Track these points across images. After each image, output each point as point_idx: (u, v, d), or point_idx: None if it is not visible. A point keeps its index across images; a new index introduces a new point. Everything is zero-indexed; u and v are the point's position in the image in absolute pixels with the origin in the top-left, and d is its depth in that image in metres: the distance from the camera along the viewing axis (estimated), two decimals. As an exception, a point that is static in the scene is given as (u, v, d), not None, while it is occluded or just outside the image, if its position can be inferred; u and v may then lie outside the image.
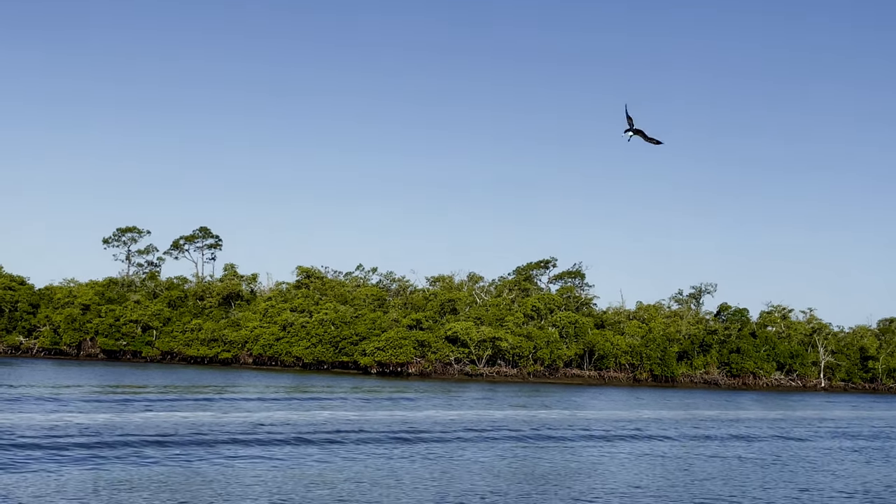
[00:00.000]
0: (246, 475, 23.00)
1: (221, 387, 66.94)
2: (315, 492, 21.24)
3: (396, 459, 27.47)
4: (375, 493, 21.01)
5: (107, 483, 21.65)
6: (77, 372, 79.80)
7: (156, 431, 33.14)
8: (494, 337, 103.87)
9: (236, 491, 20.08)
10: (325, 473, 24.71)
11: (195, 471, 24.00)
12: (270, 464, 26.13)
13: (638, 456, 32.48)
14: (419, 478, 24.10)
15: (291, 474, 24.22)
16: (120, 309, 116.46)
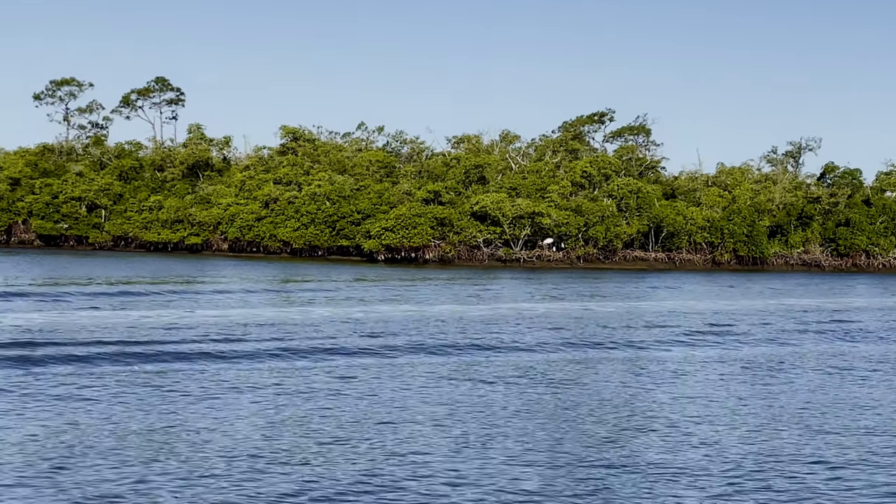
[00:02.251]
0: (223, 403, 22.68)
1: (187, 279, 67.00)
2: (315, 425, 20.89)
3: (404, 377, 27.08)
4: (382, 433, 20.58)
5: (37, 415, 21.47)
6: (5, 262, 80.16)
7: (103, 337, 32.94)
8: (534, 212, 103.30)
9: (207, 433, 19.68)
10: (320, 398, 24.40)
11: (151, 398, 23.81)
12: (251, 380, 25.93)
13: (718, 363, 31.97)
14: (441, 403, 23.68)
15: (279, 400, 23.93)
16: (58, 184, 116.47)
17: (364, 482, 16.02)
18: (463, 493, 15.57)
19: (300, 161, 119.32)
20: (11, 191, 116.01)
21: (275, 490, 15.46)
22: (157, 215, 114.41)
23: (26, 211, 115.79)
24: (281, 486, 15.67)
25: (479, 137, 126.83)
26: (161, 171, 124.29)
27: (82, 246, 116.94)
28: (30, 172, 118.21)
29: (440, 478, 16.40)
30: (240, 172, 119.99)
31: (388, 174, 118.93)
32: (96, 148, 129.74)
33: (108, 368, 26.57)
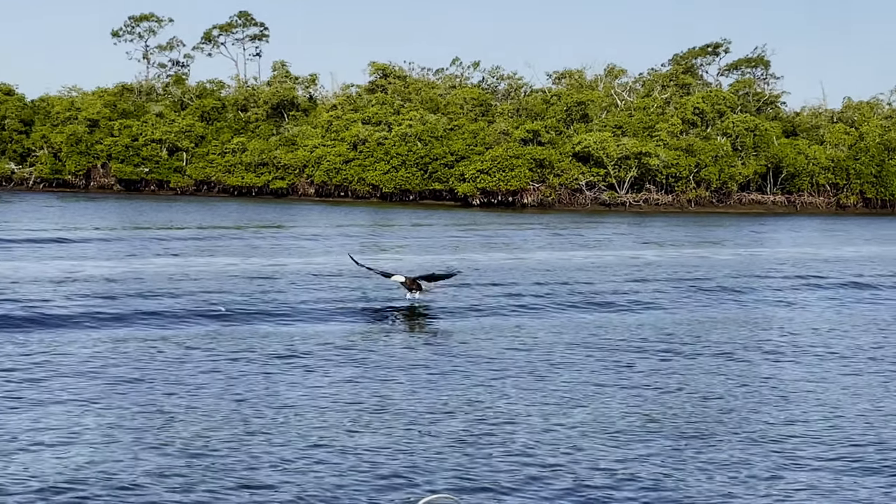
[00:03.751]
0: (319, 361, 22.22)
1: (273, 225, 67.28)
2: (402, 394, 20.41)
3: (503, 333, 26.48)
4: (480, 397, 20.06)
5: (118, 375, 21.37)
6: (84, 208, 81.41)
7: (185, 288, 32.97)
8: (641, 152, 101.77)
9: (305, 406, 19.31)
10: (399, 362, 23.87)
11: (239, 357, 23.60)
12: (333, 338, 25.56)
13: (847, 316, 30.86)
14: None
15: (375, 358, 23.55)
16: (138, 125, 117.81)
17: (508, 454, 15.52)
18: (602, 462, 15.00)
19: (390, 99, 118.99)
20: (90, 133, 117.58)
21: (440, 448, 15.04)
22: (240, 158, 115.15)
23: (105, 154, 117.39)
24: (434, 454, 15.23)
25: (581, 72, 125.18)
26: (244, 112, 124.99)
27: (163, 191, 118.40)
28: (108, 114, 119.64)
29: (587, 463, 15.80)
30: (326, 112, 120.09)
31: (484, 113, 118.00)
32: (177, 87, 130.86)
33: (191, 323, 26.47)
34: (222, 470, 13.99)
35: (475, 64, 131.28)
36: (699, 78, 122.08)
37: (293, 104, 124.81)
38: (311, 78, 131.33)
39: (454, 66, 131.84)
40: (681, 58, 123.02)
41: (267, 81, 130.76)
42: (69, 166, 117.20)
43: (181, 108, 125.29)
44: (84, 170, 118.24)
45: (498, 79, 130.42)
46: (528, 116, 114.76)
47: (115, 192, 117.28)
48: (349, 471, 14.11)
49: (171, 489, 13.21)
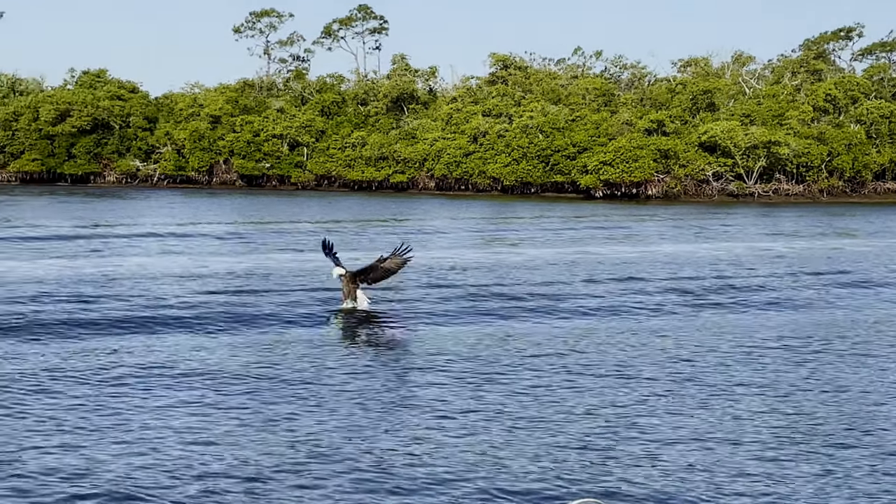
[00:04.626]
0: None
1: (393, 219, 67.38)
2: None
3: (635, 332, 25.71)
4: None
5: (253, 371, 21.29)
6: (206, 203, 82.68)
7: (307, 284, 32.99)
8: (770, 141, 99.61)
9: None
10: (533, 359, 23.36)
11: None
12: (456, 331, 25.14)
13: None
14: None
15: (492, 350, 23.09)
16: (259, 121, 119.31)
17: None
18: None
19: (511, 91, 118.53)
20: (212, 129, 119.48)
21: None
22: (360, 152, 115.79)
23: (227, 150, 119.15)
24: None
25: (707, 60, 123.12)
26: (364, 106, 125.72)
27: (284, 186, 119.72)
28: (230, 109, 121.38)
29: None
30: (446, 105, 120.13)
31: (607, 103, 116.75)
32: (297, 82, 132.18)
33: (315, 320, 26.33)
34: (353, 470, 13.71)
35: (597, 53, 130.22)
36: (831, 63, 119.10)
37: (413, 97, 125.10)
38: (431, 70, 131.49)
39: (576, 55, 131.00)
40: (812, 43, 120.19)
41: (387, 75, 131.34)
42: (192, 162, 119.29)
43: (301, 102, 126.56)
44: (207, 166, 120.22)
45: (621, 68, 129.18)
46: (653, 106, 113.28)
47: (237, 187, 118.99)
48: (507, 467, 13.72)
49: (300, 487, 12.98)
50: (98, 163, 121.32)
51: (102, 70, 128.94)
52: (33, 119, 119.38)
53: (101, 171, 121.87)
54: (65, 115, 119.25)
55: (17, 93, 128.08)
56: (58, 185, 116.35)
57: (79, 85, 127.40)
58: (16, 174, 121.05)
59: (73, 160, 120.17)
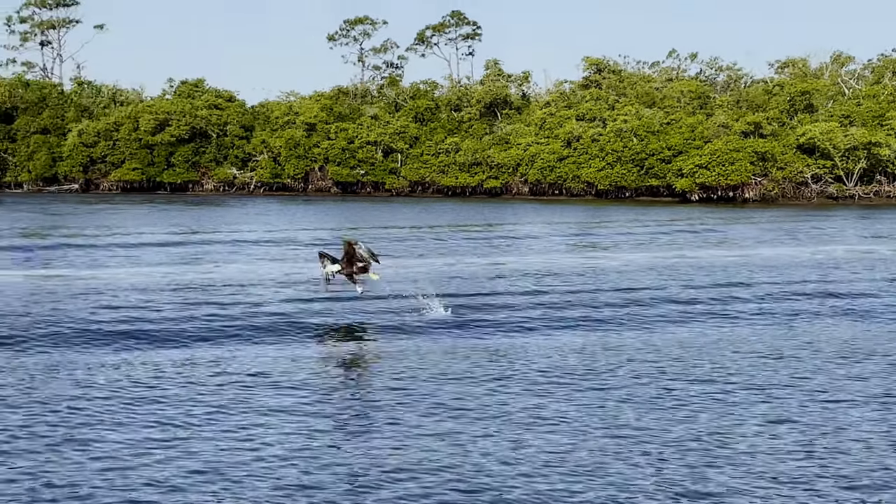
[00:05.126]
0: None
1: (488, 224, 67.35)
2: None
3: (736, 341, 25.25)
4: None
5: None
6: (302, 210, 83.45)
7: (402, 287, 33.08)
8: (870, 142, 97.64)
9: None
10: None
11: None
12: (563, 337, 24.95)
13: None
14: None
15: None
16: (353, 128, 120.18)
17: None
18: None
19: (604, 95, 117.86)
20: (307, 136, 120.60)
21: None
22: (454, 158, 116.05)
23: (322, 157, 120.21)
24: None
25: (805, 60, 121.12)
26: (457, 111, 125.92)
27: (378, 192, 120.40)
28: (325, 117, 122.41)
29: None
30: (540, 109, 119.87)
31: (702, 105, 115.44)
32: (391, 89, 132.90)
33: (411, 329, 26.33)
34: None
35: (692, 56, 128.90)
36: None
37: (506, 102, 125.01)
38: (524, 75, 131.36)
39: (671, 58, 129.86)
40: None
41: (480, 80, 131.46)
42: (288, 170, 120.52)
43: (395, 109, 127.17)
44: (302, 173, 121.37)
45: (716, 70, 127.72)
46: (749, 108, 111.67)
47: (332, 194, 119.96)
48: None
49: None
50: (196, 171, 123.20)
51: (200, 80, 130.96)
52: (133, 129, 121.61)
53: (199, 179, 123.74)
54: (164, 125, 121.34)
55: (118, 103, 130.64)
56: (157, 194, 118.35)
57: (177, 95, 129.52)
58: (117, 183, 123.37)
59: (171, 169, 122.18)
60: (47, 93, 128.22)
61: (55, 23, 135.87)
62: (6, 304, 27.86)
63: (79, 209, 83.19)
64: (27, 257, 42.05)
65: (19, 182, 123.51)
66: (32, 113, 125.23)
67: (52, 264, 39.27)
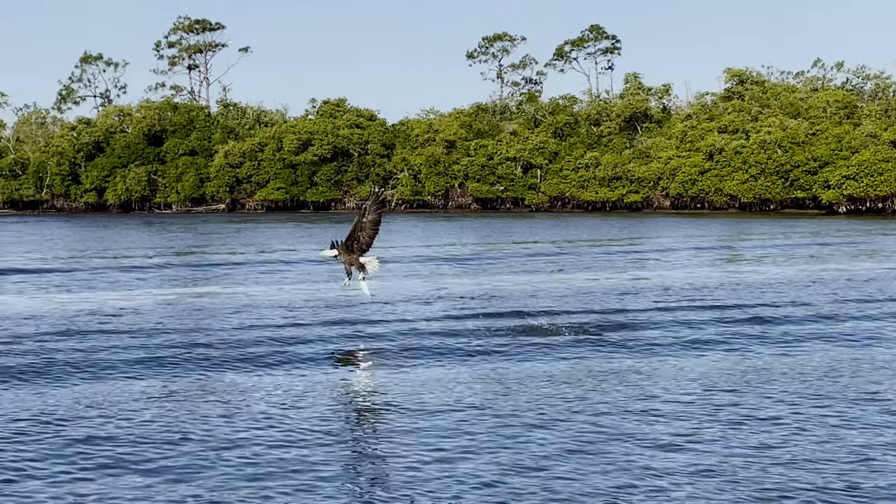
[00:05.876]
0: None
1: (629, 239, 66.82)
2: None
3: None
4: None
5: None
6: (445, 227, 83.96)
7: (543, 305, 33.07)
8: None
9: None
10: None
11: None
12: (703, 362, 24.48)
13: None
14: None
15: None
16: (493, 144, 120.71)
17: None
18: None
19: (747, 106, 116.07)
20: (447, 154, 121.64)
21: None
22: (593, 173, 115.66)
23: (462, 174, 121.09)
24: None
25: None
26: (597, 126, 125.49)
27: (518, 208, 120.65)
28: (464, 134, 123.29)
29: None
30: (680, 122, 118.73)
31: (849, 115, 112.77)
32: (530, 105, 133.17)
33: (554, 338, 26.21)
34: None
35: (838, 65, 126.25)
36: None
37: (646, 116, 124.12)
38: (664, 88, 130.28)
39: (816, 67, 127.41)
40: None
41: (619, 94, 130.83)
42: (428, 187, 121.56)
43: (534, 125, 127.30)
44: (442, 190, 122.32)
45: (864, 79, 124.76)
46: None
47: (472, 210, 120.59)
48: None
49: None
50: (338, 190, 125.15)
51: (342, 99, 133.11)
52: (277, 149, 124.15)
53: (341, 197, 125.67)
54: (307, 145, 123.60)
55: (262, 124, 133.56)
56: (300, 213, 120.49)
57: (320, 115, 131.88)
58: (262, 202, 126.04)
59: (314, 188, 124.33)
60: (195, 115, 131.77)
61: (202, 47, 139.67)
62: (159, 322, 28.69)
63: (226, 228, 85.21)
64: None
65: (168, 203, 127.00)
66: (181, 135, 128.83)
67: (201, 282, 40.31)
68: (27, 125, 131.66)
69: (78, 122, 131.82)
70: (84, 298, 33.96)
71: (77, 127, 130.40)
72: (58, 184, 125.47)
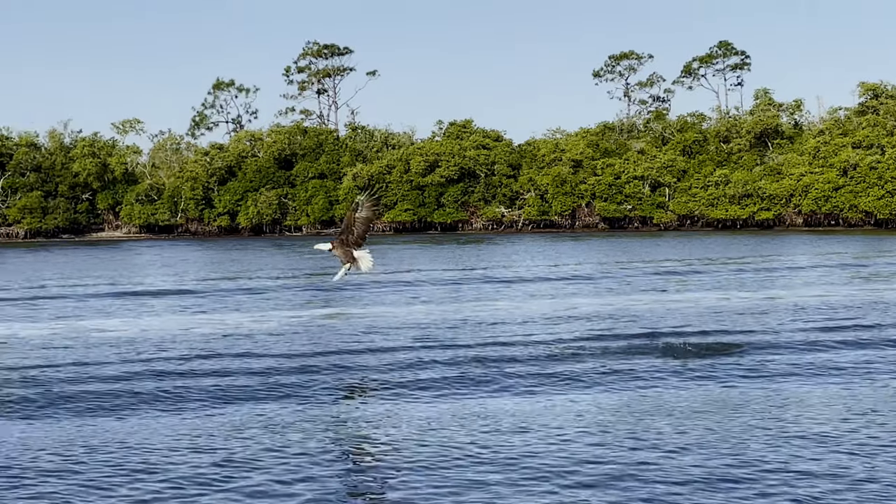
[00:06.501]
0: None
1: (758, 257, 65.85)
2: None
3: None
4: None
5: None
6: (573, 247, 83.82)
7: (667, 322, 32.87)
8: None
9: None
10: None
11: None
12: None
13: None
14: None
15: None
16: (620, 163, 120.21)
17: None
18: None
19: (882, 121, 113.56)
20: (574, 173, 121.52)
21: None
22: (723, 190, 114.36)
23: (589, 193, 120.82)
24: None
25: None
26: (726, 143, 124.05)
27: (646, 227, 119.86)
28: (591, 153, 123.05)
29: None
30: (813, 138, 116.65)
31: None
32: (657, 123, 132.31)
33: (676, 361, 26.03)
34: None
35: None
36: None
37: (777, 132, 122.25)
38: (796, 104, 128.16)
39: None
40: None
41: (749, 110, 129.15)
42: (555, 207, 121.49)
43: (662, 143, 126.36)
44: (569, 210, 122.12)
45: None
46: None
47: (600, 230, 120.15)
48: None
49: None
50: (465, 210, 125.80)
51: (468, 120, 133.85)
52: (405, 171, 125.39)
53: (468, 218, 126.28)
54: (434, 166, 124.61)
55: (390, 147, 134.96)
56: (428, 234, 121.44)
57: (446, 136, 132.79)
58: (390, 224, 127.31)
59: (441, 209, 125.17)
60: (324, 139, 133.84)
61: (330, 71, 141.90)
62: (293, 342, 29.32)
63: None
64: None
65: (298, 225, 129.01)
66: (310, 159, 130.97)
67: (332, 303, 41.02)
68: (162, 151, 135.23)
69: (211, 148, 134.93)
70: (218, 320, 34.89)
71: (210, 152, 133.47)
72: (192, 208, 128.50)
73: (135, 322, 34.77)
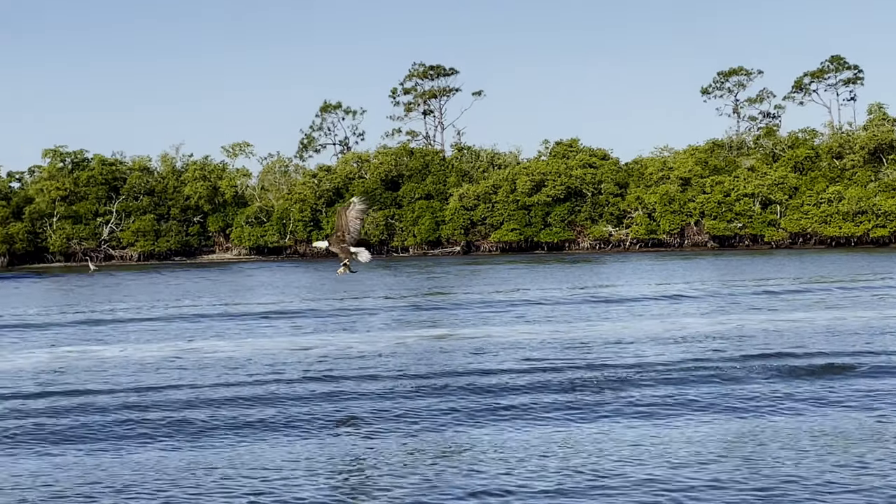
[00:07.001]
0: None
1: (874, 276, 64.53)
2: None
3: None
4: None
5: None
6: (682, 266, 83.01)
7: (781, 342, 32.44)
8: None
9: None
10: None
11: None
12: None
13: None
14: None
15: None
16: (729, 181, 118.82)
17: None
18: None
19: None
20: (682, 191, 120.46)
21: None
22: (836, 207, 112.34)
23: (698, 212, 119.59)
24: None
25: None
26: (839, 159, 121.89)
27: (757, 245, 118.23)
28: (700, 171, 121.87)
29: None
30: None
31: None
32: (767, 139, 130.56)
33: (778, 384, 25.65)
34: None
35: None
36: None
37: (892, 147, 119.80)
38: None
39: None
40: None
41: (863, 126, 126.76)
42: (663, 225, 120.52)
43: (773, 160, 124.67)
44: (678, 228, 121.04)
45: None
46: None
47: (709, 248, 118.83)
48: None
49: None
50: (572, 230, 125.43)
51: (574, 139, 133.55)
52: (511, 191, 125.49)
53: (574, 237, 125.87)
54: (540, 186, 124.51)
55: (496, 166, 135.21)
56: (534, 254, 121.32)
57: (552, 155, 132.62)
58: (496, 244, 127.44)
59: (548, 228, 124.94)
60: (430, 160, 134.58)
61: (436, 92, 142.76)
62: (402, 361, 29.57)
63: (462, 270, 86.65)
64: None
65: (405, 246, 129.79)
66: (416, 179, 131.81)
67: (441, 323, 41.22)
68: (271, 174, 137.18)
69: (318, 170, 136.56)
70: (327, 341, 35.30)
71: (318, 174, 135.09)
72: (300, 230, 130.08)
73: (248, 342, 35.35)
